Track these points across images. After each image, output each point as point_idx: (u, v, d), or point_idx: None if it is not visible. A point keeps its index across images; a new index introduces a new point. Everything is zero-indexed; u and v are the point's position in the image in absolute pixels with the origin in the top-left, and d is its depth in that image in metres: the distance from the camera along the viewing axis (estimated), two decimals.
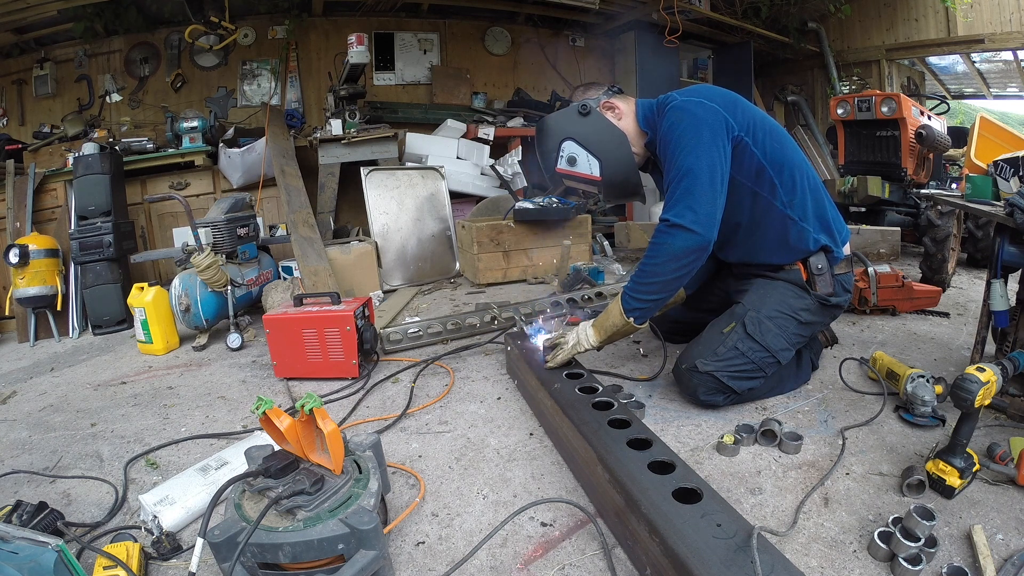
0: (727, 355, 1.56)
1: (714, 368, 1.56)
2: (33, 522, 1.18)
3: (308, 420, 1.04)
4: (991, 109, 7.66)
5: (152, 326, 2.59)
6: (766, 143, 1.59)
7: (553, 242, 3.58)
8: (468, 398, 1.85)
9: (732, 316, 1.65)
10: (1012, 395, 1.50)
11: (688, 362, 1.61)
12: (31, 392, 2.26)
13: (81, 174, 3.26)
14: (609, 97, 1.73)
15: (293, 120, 4.54)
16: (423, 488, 1.34)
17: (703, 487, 1.04)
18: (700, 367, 1.57)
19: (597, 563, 1.07)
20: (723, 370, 1.55)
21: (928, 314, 2.44)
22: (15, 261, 3.01)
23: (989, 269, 1.65)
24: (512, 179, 4.38)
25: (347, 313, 2.01)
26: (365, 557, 0.93)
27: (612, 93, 1.75)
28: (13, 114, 4.36)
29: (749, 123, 1.57)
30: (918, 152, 3.47)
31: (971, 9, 5.42)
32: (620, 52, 5.90)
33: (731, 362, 1.56)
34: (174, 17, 4.39)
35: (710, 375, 1.56)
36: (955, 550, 1.05)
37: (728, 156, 1.52)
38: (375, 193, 3.68)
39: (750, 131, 1.57)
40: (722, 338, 1.60)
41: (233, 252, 2.87)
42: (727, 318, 1.67)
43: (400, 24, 5.10)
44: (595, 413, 1.34)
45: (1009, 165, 1.71)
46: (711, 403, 1.61)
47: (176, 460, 1.58)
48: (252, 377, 2.20)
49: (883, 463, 1.35)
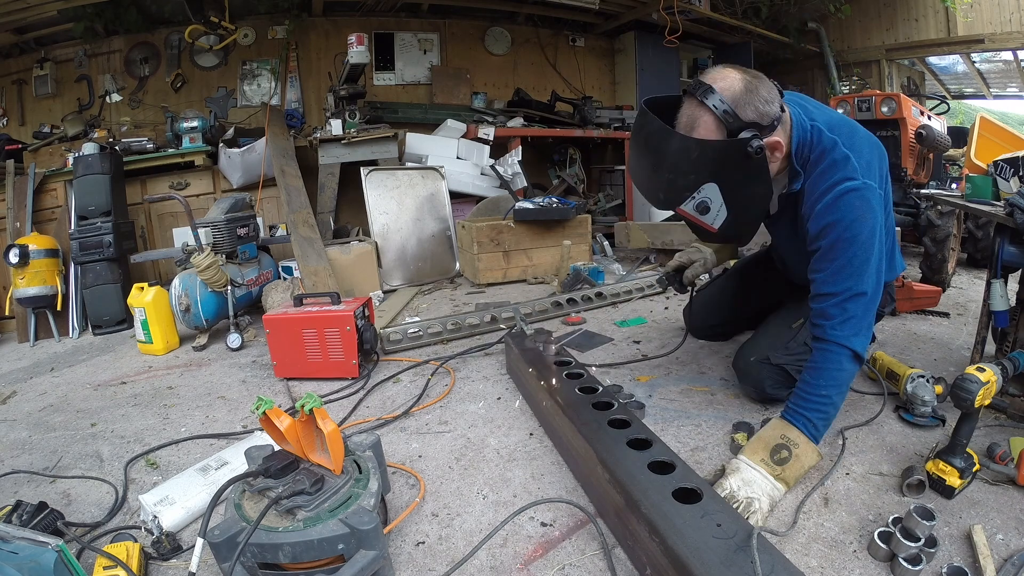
0: (797, 350, 1.56)
1: (785, 362, 1.55)
2: (33, 522, 1.18)
3: (308, 420, 1.04)
4: (991, 109, 7.65)
5: (152, 326, 2.59)
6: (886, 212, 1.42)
7: (553, 242, 3.58)
8: (468, 398, 1.85)
9: (799, 312, 1.62)
10: (1012, 395, 1.50)
11: (758, 354, 1.61)
12: (31, 392, 2.26)
13: (81, 174, 3.26)
14: (776, 128, 1.25)
15: (293, 120, 4.54)
16: (423, 488, 1.34)
17: (703, 487, 1.04)
18: (773, 359, 1.57)
19: (597, 563, 1.07)
20: (793, 364, 1.54)
21: (928, 314, 2.44)
22: (15, 261, 3.00)
23: (989, 269, 1.65)
24: (512, 179, 4.38)
25: (347, 313, 2.01)
26: (365, 557, 0.93)
27: (783, 107, 1.29)
28: (13, 114, 4.36)
29: (886, 197, 1.40)
30: (918, 152, 3.47)
31: (971, 9, 5.43)
32: (620, 52, 5.90)
33: (800, 357, 1.54)
34: (174, 17, 4.39)
35: (781, 368, 1.56)
36: (955, 550, 1.05)
37: None
38: (375, 193, 3.68)
39: (886, 206, 1.40)
40: (792, 333, 1.60)
41: (233, 252, 2.87)
42: (792, 313, 1.65)
43: (400, 24, 5.10)
44: (595, 413, 1.34)
45: (1009, 165, 1.71)
46: (776, 396, 1.59)
47: (176, 460, 1.58)
48: (252, 377, 2.20)
49: (883, 463, 1.35)
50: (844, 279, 1.28)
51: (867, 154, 1.31)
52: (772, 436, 1.27)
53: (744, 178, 1.24)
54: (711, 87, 1.21)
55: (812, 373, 1.31)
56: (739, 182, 1.25)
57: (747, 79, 1.22)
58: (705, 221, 1.31)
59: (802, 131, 1.32)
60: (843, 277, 1.28)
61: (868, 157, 1.31)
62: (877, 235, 1.27)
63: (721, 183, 1.24)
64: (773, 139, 1.25)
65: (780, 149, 1.28)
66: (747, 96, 1.21)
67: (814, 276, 1.35)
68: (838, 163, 1.28)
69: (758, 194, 1.29)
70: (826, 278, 1.31)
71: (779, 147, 1.28)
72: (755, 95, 1.21)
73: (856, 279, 1.27)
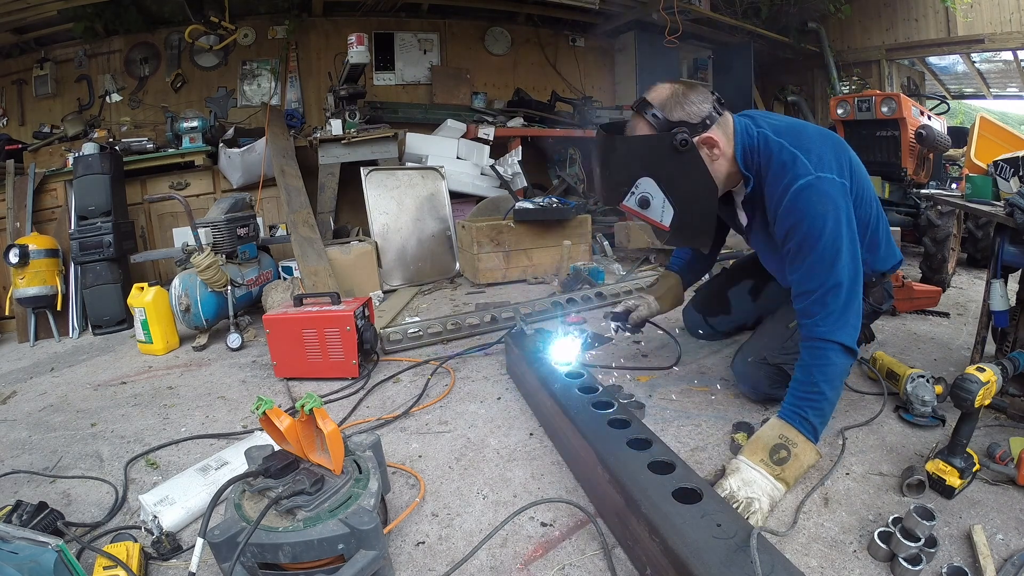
0: (795, 349, 1.55)
1: (783, 361, 1.56)
2: (33, 522, 1.18)
3: (308, 420, 1.04)
4: (991, 109, 7.65)
5: (152, 326, 2.59)
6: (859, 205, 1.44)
7: (553, 242, 3.58)
8: (468, 398, 1.85)
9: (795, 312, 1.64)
10: (1012, 395, 1.50)
11: (755, 355, 1.62)
12: (31, 392, 2.26)
13: (81, 174, 3.26)
14: (710, 126, 1.34)
15: (293, 120, 4.54)
16: (423, 488, 1.34)
17: (703, 487, 1.04)
18: (769, 359, 1.58)
19: (597, 563, 1.07)
20: (790, 363, 1.53)
21: (928, 314, 2.44)
22: (15, 261, 3.01)
23: (989, 269, 1.65)
24: (512, 179, 4.38)
25: (347, 313, 2.01)
26: (365, 557, 0.93)
27: (717, 111, 1.36)
28: (13, 114, 4.36)
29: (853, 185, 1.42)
30: (918, 152, 3.47)
31: (971, 9, 5.42)
32: (620, 52, 5.90)
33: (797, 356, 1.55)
34: (174, 17, 4.39)
35: (779, 367, 1.57)
36: (955, 550, 1.05)
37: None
38: (375, 193, 3.68)
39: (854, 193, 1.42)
40: (788, 332, 1.60)
41: (233, 252, 2.87)
42: (789, 313, 1.65)
43: (400, 24, 5.10)
44: (595, 413, 1.34)
45: (1009, 165, 1.71)
46: (775, 395, 1.59)
47: (176, 460, 1.58)
48: (252, 377, 2.20)
49: (883, 463, 1.35)
50: (818, 275, 1.32)
51: (817, 148, 1.35)
52: (771, 436, 1.27)
53: (679, 172, 1.35)
54: (645, 98, 1.37)
55: (803, 371, 1.33)
56: (674, 176, 1.35)
57: (676, 87, 1.36)
58: (652, 218, 1.41)
59: (748, 138, 1.40)
60: (816, 273, 1.32)
61: (819, 151, 1.35)
62: (843, 223, 1.30)
63: (655, 176, 1.36)
64: (705, 135, 1.34)
65: (716, 146, 1.36)
66: (674, 99, 1.34)
67: (791, 278, 1.39)
68: (786, 164, 1.34)
69: (699, 190, 1.37)
70: (801, 278, 1.35)
71: (714, 143, 1.35)
72: (682, 98, 1.34)
73: (828, 272, 1.31)
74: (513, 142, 4.62)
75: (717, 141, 1.35)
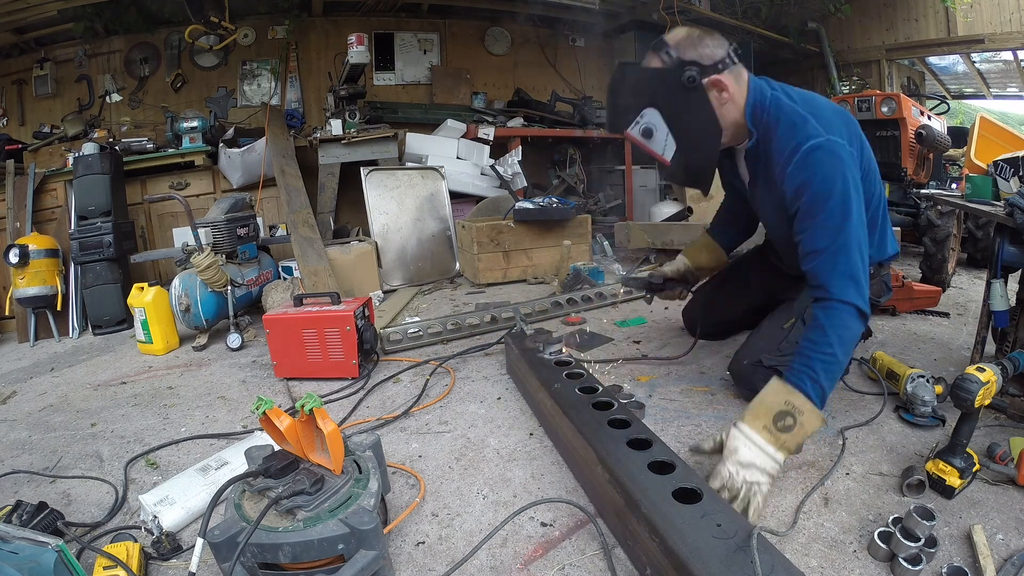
0: (790, 350, 1.55)
1: (778, 363, 1.55)
2: (33, 522, 1.18)
3: (308, 420, 1.04)
4: (991, 109, 7.65)
5: (152, 326, 2.59)
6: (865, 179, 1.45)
7: (553, 242, 3.58)
8: (468, 398, 1.85)
9: (791, 312, 1.64)
10: (1012, 395, 1.50)
11: (751, 358, 1.62)
12: (31, 392, 2.26)
13: (81, 174, 3.26)
14: (722, 70, 1.37)
15: (293, 120, 4.54)
16: (423, 488, 1.34)
17: (703, 487, 1.04)
18: (765, 362, 1.58)
19: (597, 563, 1.07)
20: (785, 365, 1.54)
21: (928, 314, 2.44)
22: (15, 261, 3.00)
23: (989, 269, 1.65)
24: (512, 179, 4.38)
25: (347, 313, 2.01)
26: (365, 557, 0.93)
27: (731, 61, 1.39)
28: (13, 114, 4.36)
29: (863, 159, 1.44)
30: (918, 152, 3.47)
31: (971, 9, 5.42)
32: (620, 52, 5.89)
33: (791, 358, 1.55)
34: (174, 17, 4.39)
35: (774, 370, 1.55)
36: (955, 550, 1.05)
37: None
38: (375, 193, 3.68)
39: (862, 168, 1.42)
40: (784, 334, 1.61)
41: (233, 252, 2.87)
42: (785, 313, 1.67)
43: (400, 24, 5.10)
44: (595, 413, 1.34)
45: (1009, 165, 1.71)
46: None
47: (176, 460, 1.58)
48: (252, 377, 2.20)
49: (883, 463, 1.35)
50: (828, 233, 1.31)
51: (828, 116, 1.37)
52: (775, 401, 1.23)
53: (684, 108, 1.37)
54: (662, 37, 1.40)
55: (817, 332, 1.28)
56: (679, 111, 1.38)
57: (692, 30, 1.40)
58: (655, 150, 1.43)
59: (760, 95, 1.42)
60: (827, 231, 1.31)
61: (830, 118, 1.37)
62: (851, 186, 1.30)
63: (661, 109, 1.39)
64: (715, 78, 1.36)
65: (726, 90, 1.38)
66: (688, 41, 1.37)
67: (800, 237, 1.37)
68: (796, 124, 1.35)
69: (704, 129, 1.40)
70: (811, 236, 1.34)
71: (723, 87, 1.38)
72: (696, 40, 1.37)
73: (838, 231, 1.30)
74: (513, 142, 4.62)
75: (727, 85, 1.37)
